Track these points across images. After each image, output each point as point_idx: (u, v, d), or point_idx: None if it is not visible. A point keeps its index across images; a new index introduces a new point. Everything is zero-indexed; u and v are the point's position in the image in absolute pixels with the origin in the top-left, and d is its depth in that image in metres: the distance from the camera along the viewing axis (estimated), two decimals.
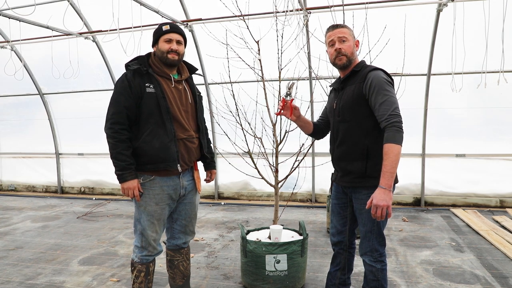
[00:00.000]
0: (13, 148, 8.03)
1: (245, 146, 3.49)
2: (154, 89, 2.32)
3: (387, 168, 2.06)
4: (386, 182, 2.05)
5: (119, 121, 2.28)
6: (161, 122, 2.32)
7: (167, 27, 2.39)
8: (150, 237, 2.42)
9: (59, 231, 4.97)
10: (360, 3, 4.59)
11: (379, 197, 2.05)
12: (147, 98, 2.30)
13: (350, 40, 2.30)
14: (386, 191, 2.05)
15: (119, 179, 2.29)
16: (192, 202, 2.58)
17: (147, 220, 2.40)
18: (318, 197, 6.39)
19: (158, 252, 2.51)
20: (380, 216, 2.06)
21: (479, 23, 4.54)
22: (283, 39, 3.44)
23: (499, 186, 5.68)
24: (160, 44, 2.38)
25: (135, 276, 2.46)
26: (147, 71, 2.34)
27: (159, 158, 2.31)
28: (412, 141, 5.80)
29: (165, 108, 2.32)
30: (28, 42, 6.02)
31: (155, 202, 2.38)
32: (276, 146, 3.44)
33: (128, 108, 2.29)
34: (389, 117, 2.09)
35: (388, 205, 2.04)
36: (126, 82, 2.30)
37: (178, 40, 2.40)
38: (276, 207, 3.42)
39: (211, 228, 5.00)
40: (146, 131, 2.31)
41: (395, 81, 2.42)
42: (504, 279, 3.22)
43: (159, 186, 2.38)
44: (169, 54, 2.36)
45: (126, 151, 2.27)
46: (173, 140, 2.34)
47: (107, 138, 2.30)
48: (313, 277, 3.36)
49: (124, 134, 2.28)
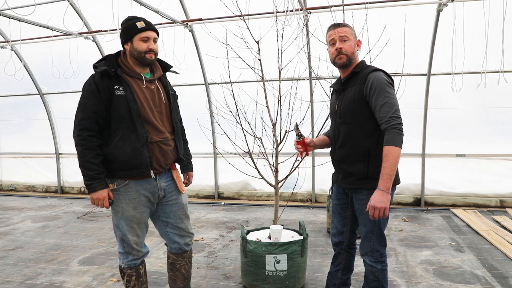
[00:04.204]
0: (13, 148, 8.03)
1: (245, 146, 3.49)
2: (123, 92, 2.19)
3: (386, 170, 2.07)
4: (384, 184, 2.07)
5: (88, 127, 2.15)
6: (132, 126, 2.19)
7: (142, 24, 2.23)
8: (132, 241, 2.33)
9: (59, 231, 4.97)
10: (360, 3, 4.59)
11: (377, 198, 2.07)
12: (117, 102, 2.17)
13: (351, 40, 2.29)
14: (384, 193, 2.07)
15: (87, 189, 2.17)
16: (178, 203, 2.46)
17: (126, 225, 2.30)
18: (318, 197, 6.39)
19: (144, 254, 2.44)
20: (377, 217, 2.10)
21: (479, 23, 4.54)
22: (283, 39, 3.44)
23: (499, 186, 5.68)
24: (136, 43, 2.23)
25: (127, 281, 2.39)
26: (115, 72, 2.20)
27: (131, 164, 2.20)
28: (412, 141, 5.80)
29: (136, 112, 2.19)
30: (28, 42, 6.01)
31: (133, 206, 2.28)
32: (276, 146, 3.44)
33: (97, 112, 2.16)
34: (390, 119, 2.09)
35: (385, 207, 2.07)
36: (93, 85, 2.16)
37: (154, 38, 2.27)
38: (276, 207, 3.42)
39: (211, 228, 5.00)
40: (117, 136, 2.19)
41: (395, 81, 2.42)
42: (504, 279, 3.22)
43: (135, 190, 2.27)
44: (147, 54, 2.24)
45: (95, 159, 2.15)
46: (145, 145, 2.23)
47: (75, 146, 2.17)
48: (313, 277, 3.36)
49: (93, 141, 2.16)
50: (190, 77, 6.34)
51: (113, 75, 2.21)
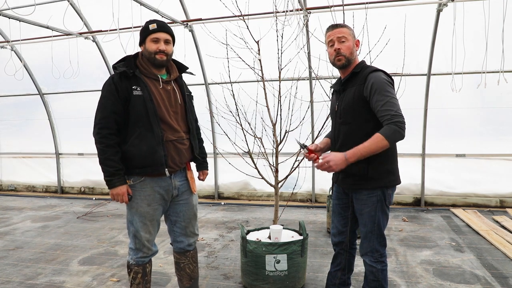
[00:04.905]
0: (13, 148, 8.03)
1: (245, 146, 3.49)
2: (141, 92, 2.27)
3: (361, 150, 2.09)
4: (352, 155, 2.10)
5: (107, 126, 2.25)
6: (148, 125, 2.27)
7: (154, 26, 2.30)
8: (144, 238, 2.40)
9: (59, 231, 4.97)
10: (360, 3, 4.59)
11: (335, 159, 2.11)
12: (135, 101, 2.26)
13: (350, 40, 2.29)
14: (345, 161, 2.11)
15: (108, 185, 2.26)
16: (189, 203, 2.54)
17: (139, 222, 2.37)
18: (318, 197, 6.39)
19: (153, 252, 2.49)
20: (321, 169, 2.15)
21: (479, 23, 4.53)
22: (283, 39, 3.44)
23: (499, 186, 5.68)
24: (147, 44, 2.32)
25: (132, 278, 2.45)
26: (133, 73, 2.29)
27: (147, 162, 2.28)
28: (412, 141, 5.80)
29: (152, 111, 2.28)
30: (28, 42, 6.01)
31: (147, 203, 2.36)
32: (276, 146, 3.44)
33: (116, 112, 2.25)
34: (393, 117, 2.08)
35: (335, 169, 2.13)
36: (112, 85, 2.26)
37: (166, 39, 2.33)
38: (276, 207, 3.42)
39: (211, 228, 5.00)
40: (134, 134, 2.28)
41: (395, 81, 2.42)
42: (504, 279, 3.22)
43: (150, 187, 2.35)
44: (157, 55, 2.30)
45: (114, 156, 2.24)
46: (161, 143, 2.30)
47: (95, 144, 2.27)
48: (313, 277, 3.36)
49: (112, 139, 2.26)
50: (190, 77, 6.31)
51: (131, 76, 2.29)
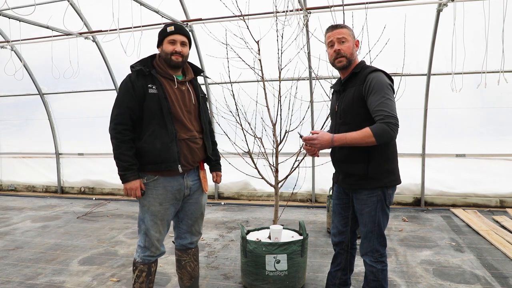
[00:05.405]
0: (13, 148, 8.03)
1: (245, 146, 3.49)
2: (156, 90, 2.34)
3: (348, 138, 2.13)
4: (338, 140, 2.15)
5: (123, 122, 2.31)
6: (162, 122, 2.33)
7: (171, 28, 2.39)
8: (154, 237, 2.43)
9: (59, 231, 4.97)
10: (360, 3, 4.59)
11: (321, 139, 2.16)
12: (150, 99, 2.32)
13: (350, 41, 2.29)
14: (330, 143, 2.16)
15: (121, 180, 2.31)
16: (198, 202, 2.58)
17: (150, 220, 2.41)
18: (318, 197, 6.39)
19: (161, 253, 2.51)
20: (306, 139, 2.21)
21: (479, 23, 4.53)
22: (283, 39, 3.44)
23: (499, 186, 5.68)
24: (164, 45, 2.40)
25: (137, 275, 2.46)
26: (150, 72, 2.36)
27: (160, 158, 2.33)
28: (412, 141, 5.80)
29: (167, 109, 2.34)
30: (28, 42, 6.01)
31: (159, 202, 2.39)
32: (276, 146, 3.44)
33: (131, 108, 2.32)
34: (386, 117, 2.07)
35: (319, 149, 2.21)
36: (129, 83, 2.34)
37: (182, 41, 2.40)
38: (276, 207, 3.42)
39: (211, 228, 5.00)
40: (148, 131, 2.34)
41: (395, 81, 2.42)
42: (504, 279, 3.22)
43: (163, 186, 2.38)
44: (173, 56, 2.38)
45: (129, 151, 2.30)
46: (174, 141, 2.35)
47: (111, 139, 2.33)
48: (313, 277, 3.36)
49: (127, 134, 2.32)
50: None
51: (148, 75, 2.36)
